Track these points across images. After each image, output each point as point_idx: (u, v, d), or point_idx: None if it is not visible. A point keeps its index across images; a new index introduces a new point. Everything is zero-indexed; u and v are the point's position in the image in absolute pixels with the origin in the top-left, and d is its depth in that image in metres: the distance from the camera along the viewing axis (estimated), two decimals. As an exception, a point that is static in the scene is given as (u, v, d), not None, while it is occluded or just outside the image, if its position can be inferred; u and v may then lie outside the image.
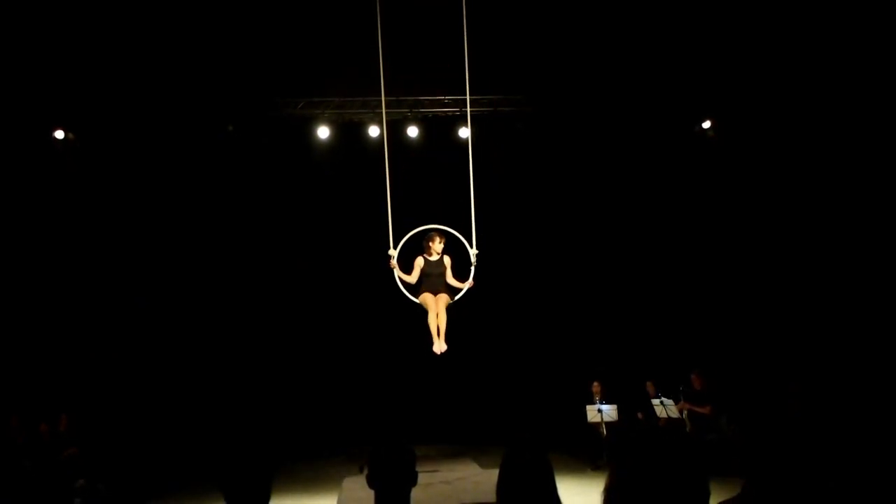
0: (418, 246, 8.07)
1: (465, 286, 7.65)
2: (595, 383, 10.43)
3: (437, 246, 7.76)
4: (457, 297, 7.74)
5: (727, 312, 10.81)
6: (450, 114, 11.08)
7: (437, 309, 7.69)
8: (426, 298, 7.72)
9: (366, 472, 2.56)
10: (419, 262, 7.79)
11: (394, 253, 7.51)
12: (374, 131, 10.90)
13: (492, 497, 2.38)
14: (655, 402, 9.55)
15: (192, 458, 9.87)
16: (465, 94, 8.15)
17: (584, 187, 12.02)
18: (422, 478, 2.72)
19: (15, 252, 10.22)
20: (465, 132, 10.74)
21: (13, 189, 10.15)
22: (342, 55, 9.77)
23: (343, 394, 11.97)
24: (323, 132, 11.01)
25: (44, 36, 9.01)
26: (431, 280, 7.74)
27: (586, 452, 9.95)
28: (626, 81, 10.64)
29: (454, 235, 7.79)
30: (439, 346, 7.74)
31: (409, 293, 7.75)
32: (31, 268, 10.42)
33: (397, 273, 7.65)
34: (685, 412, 9.56)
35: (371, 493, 2.49)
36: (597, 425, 9.87)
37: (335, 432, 11.78)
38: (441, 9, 8.19)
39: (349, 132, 11.30)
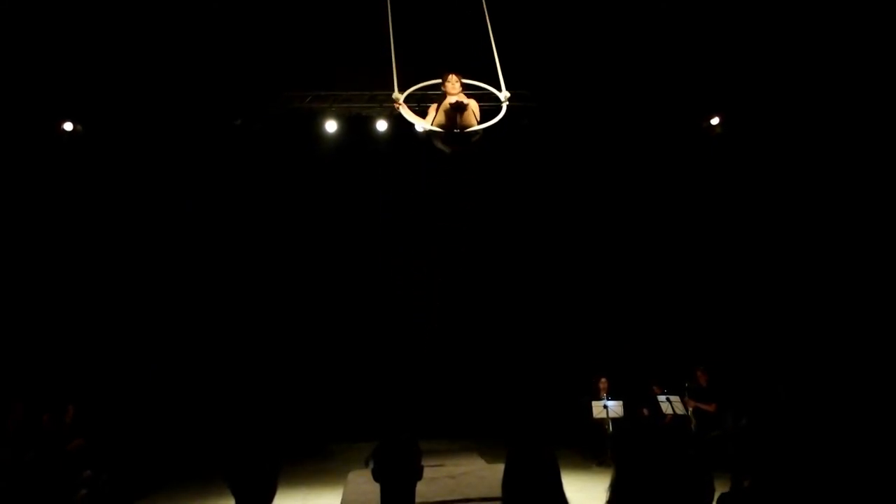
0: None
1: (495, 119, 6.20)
2: (602, 379, 10.43)
3: (455, 86, 6.17)
4: (484, 126, 6.23)
5: (732, 308, 10.78)
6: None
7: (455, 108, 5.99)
8: (444, 107, 6.09)
9: (371, 466, 2.57)
10: (433, 107, 6.32)
11: (399, 95, 6.10)
12: (381, 125, 10.90)
13: (497, 492, 2.38)
14: (661, 398, 9.54)
15: (198, 451, 9.91)
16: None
17: (589, 183, 12.00)
18: (427, 472, 2.72)
19: (23, 244, 10.26)
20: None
21: (21, 181, 10.19)
22: (350, 49, 9.76)
23: (348, 389, 12.00)
24: (330, 126, 11.00)
25: (51, 28, 9.02)
26: (452, 118, 6.13)
27: (591, 448, 9.95)
28: (633, 77, 10.60)
29: (478, 86, 6.38)
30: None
31: (414, 119, 6.41)
32: (39, 259, 10.46)
33: (406, 112, 6.21)
34: (691, 409, 9.54)
35: (376, 487, 2.50)
36: (602, 421, 9.87)
37: (340, 427, 11.82)
38: (448, 3, 8.17)
39: (357, 126, 11.30)
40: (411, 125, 6.52)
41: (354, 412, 11.79)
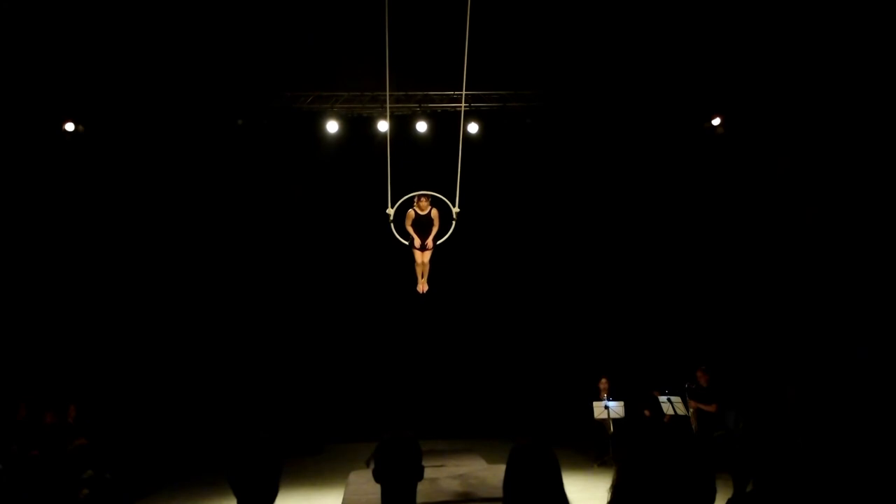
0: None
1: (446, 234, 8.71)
2: (602, 379, 10.43)
3: (424, 204, 8.78)
4: (439, 242, 8.77)
5: (734, 308, 10.78)
6: (459, 109, 11.07)
7: (421, 259, 8.97)
8: (415, 253, 8.96)
9: (372, 466, 2.57)
10: (410, 213, 8.82)
11: (391, 211, 8.54)
12: (383, 126, 10.89)
13: (498, 492, 2.38)
14: (662, 399, 9.54)
15: (201, 450, 9.92)
16: (473, 90, 8.35)
17: (592, 183, 12.00)
18: (428, 472, 2.72)
19: (26, 244, 10.28)
20: (473, 127, 10.77)
21: (24, 181, 10.21)
22: (351, 49, 9.77)
23: (350, 388, 12.00)
24: (332, 126, 11.00)
25: (54, 29, 9.04)
26: (420, 228, 8.84)
27: (593, 448, 9.96)
28: (636, 77, 10.60)
29: (441, 199, 8.80)
30: (422, 286, 9.10)
31: (401, 238, 8.73)
32: (41, 259, 10.48)
33: (393, 229, 8.67)
34: (692, 410, 9.53)
35: (377, 488, 2.50)
36: (604, 422, 9.87)
37: (340, 427, 11.82)
38: (451, 3, 8.17)
39: (358, 127, 11.30)
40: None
41: (355, 412, 11.80)
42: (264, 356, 11.79)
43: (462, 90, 8.35)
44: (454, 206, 8.57)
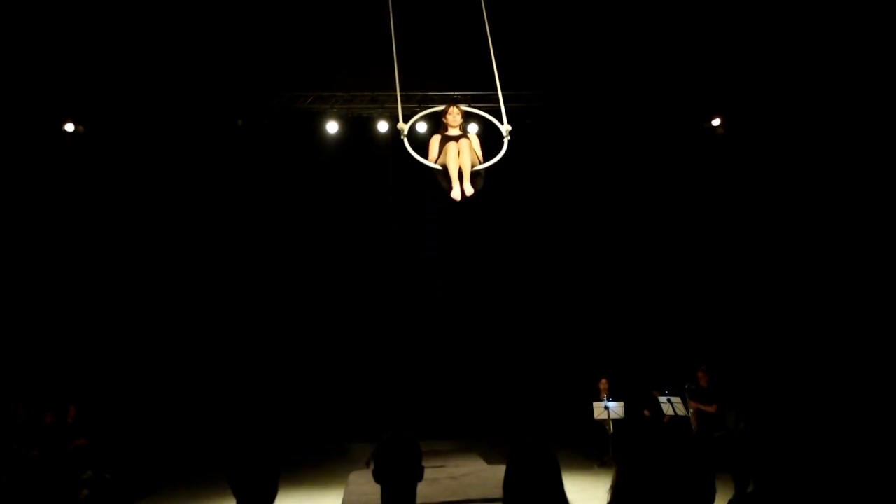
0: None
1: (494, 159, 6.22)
2: (602, 380, 10.43)
3: (456, 118, 6.35)
4: (486, 165, 6.27)
5: (734, 308, 10.78)
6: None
7: (458, 147, 6.11)
8: (448, 147, 6.13)
9: (372, 466, 2.57)
10: (435, 140, 6.30)
11: (404, 126, 6.12)
12: (382, 126, 10.90)
13: (498, 493, 2.38)
14: (662, 399, 9.54)
15: (200, 450, 9.92)
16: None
17: (592, 183, 12.00)
18: (428, 473, 2.72)
19: (26, 244, 10.28)
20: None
21: (24, 181, 10.21)
22: (352, 49, 9.77)
23: (350, 389, 11.99)
24: (332, 127, 11.00)
25: (53, 29, 9.04)
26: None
27: (593, 449, 9.96)
28: (636, 77, 10.61)
29: (482, 116, 6.57)
30: (458, 192, 6.03)
31: (422, 158, 6.21)
32: (41, 259, 10.48)
33: (408, 143, 6.14)
34: (692, 411, 9.53)
35: (377, 488, 2.50)
36: (603, 422, 9.87)
37: (342, 427, 11.82)
38: (451, 3, 8.17)
39: (358, 127, 11.30)
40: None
41: (355, 412, 11.79)
42: (264, 356, 11.78)
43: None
44: (502, 122, 6.24)
